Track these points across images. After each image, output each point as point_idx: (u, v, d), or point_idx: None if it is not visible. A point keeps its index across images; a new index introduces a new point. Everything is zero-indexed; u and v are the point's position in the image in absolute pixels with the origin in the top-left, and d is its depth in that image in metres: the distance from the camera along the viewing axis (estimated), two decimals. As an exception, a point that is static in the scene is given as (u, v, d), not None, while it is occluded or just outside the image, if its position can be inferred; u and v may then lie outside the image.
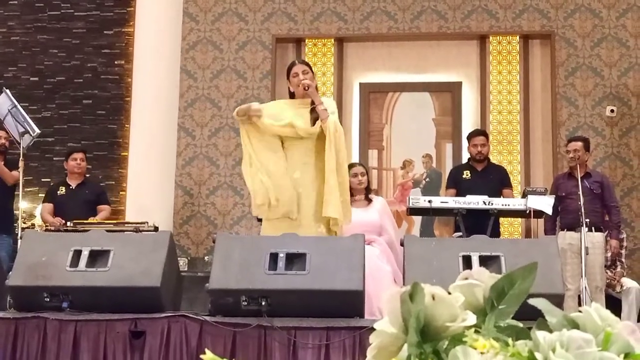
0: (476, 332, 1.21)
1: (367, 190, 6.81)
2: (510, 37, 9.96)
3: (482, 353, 1.18)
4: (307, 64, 5.91)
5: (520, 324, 1.27)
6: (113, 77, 10.31)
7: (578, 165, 7.25)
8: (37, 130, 7.55)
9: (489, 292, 1.29)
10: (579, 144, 7.55)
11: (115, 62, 10.35)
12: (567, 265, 7.15)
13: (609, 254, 7.62)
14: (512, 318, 1.30)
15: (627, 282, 7.86)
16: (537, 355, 1.15)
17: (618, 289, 7.82)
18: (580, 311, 1.26)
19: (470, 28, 10.02)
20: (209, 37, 10.24)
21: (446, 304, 1.22)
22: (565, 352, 1.14)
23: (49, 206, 8.07)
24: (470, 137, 8.09)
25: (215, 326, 4.27)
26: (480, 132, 8.18)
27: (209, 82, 10.16)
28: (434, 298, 1.20)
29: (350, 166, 7.08)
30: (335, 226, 5.37)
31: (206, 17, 10.28)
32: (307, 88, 5.53)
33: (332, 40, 10.16)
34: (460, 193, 7.47)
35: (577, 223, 7.14)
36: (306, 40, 10.20)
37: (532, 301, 1.25)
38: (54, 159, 9.77)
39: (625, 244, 8.39)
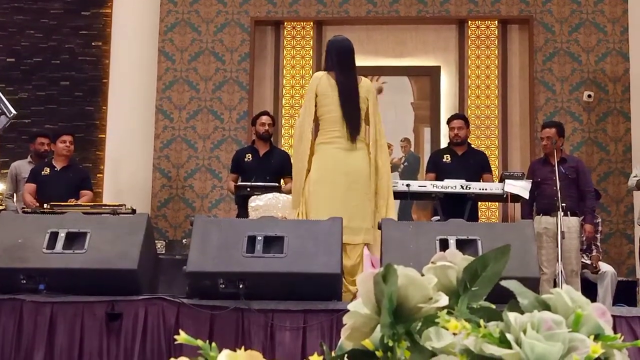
0: (449, 313, 1.22)
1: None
2: (489, 22, 9.99)
3: (454, 334, 1.20)
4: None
5: (493, 306, 1.29)
6: (90, 59, 10.24)
7: (555, 151, 7.28)
8: (14, 112, 7.48)
9: (462, 274, 1.30)
10: (552, 130, 7.57)
11: (93, 44, 10.28)
12: (543, 249, 7.20)
13: (584, 238, 7.66)
14: (488, 300, 1.31)
15: (603, 267, 7.93)
16: (508, 336, 1.16)
17: (595, 275, 7.88)
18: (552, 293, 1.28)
19: (449, 12, 10.03)
20: (187, 19, 10.19)
21: (419, 285, 1.23)
22: (535, 333, 1.16)
23: (32, 186, 8.01)
24: (449, 121, 8.12)
25: (193, 309, 4.28)
26: (458, 116, 8.20)
27: (187, 65, 10.12)
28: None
29: None
30: None
31: (185, -1, 10.23)
32: None
33: (311, 23, 10.14)
34: (440, 177, 7.48)
35: (553, 208, 7.18)
36: (285, 23, 10.18)
37: (505, 283, 1.26)
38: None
39: (600, 228, 8.45)
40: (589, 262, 7.95)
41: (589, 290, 7.51)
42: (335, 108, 5.45)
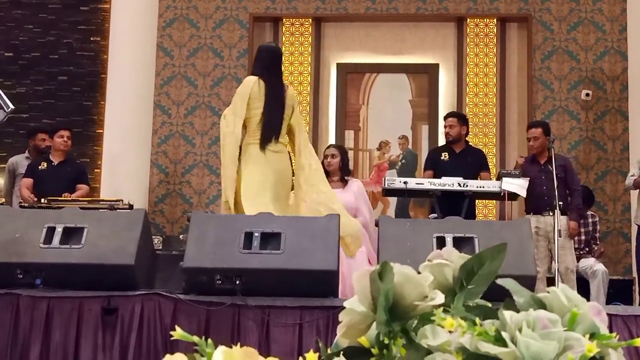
0: (445, 311, 1.22)
1: (344, 171, 6.83)
2: (488, 20, 9.99)
3: (450, 332, 1.20)
4: None
5: (489, 304, 1.29)
6: (89, 54, 10.23)
7: (551, 150, 7.27)
8: (12, 107, 7.47)
9: (459, 272, 1.30)
10: (539, 130, 7.56)
11: (91, 39, 10.27)
12: (535, 248, 7.19)
13: (568, 236, 7.59)
14: (484, 298, 1.31)
15: (594, 265, 7.94)
16: (504, 334, 1.16)
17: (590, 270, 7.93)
18: (548, 292, 1.28)
19: (448, 10, 10.03)
20: (186, 15, 10.18)
21: (415, 283, 1.23)
22: (531, 332, 1.16)
23: (29, 181, 8.01)
24: (444, 118, 8.14)
25: (189, 304, 4.28)
26: (451, 114, 8.20)
27: (186, 60, 10.11)
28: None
29: (326, 148, 7.22)
30: None
31: (183, -5, 10.22)
32: None
33: (310, 20, 10.13)
34: (437, 174, 7.49)
35: (543, 207, 7.21)
36: (284, 20, 10.17)
37: (500, 281, 1.26)
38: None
39: (598, 227, 8.48)
40: (591, 256, 8.06)
41: (581, 287, 7.53)
42: (262, 112, 5.65)
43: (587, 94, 9.68)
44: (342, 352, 1.28)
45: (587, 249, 8.19)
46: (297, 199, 5.62)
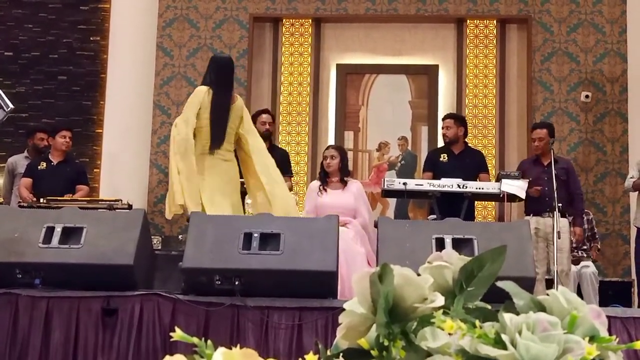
0: (444, 313, 1.22)
1: (343, 172, 6.80)
2: (488, 21, 9.99)
3: (450, 334, 1.20)
4: None
5: (489, 306, 1.29)
6: (88, 54, 10.22)
7: (551, 152, 7.27)
8: (11, 106, 7.46)
9: (458, 274, 1.30)
10: (544, 131, 7.57)
11: (91, 38, 10.26)
12: (534, 249, 7.20)
13: (575, 241, 7.64)
14: (484, 301, 1.31)
15: (583, 267, 7.96)
16: (504, 336, 1.16)
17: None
18: (547, 294, 1.28)
19: (448, 11, 10.03)
20: (186, 15, 10.18)
21: (415, 285, 1.23)
22: (531, 334, 1.16)
23: (28, 181, 8.01)
24: (442, 120, 8.16)
25: (188, 305, 4.28)
26: (448, 116, 8.21)
27: (185, 60, 10.10)
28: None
29: (325, 149, 7.22)
30: None
31: (183, -5, 10.21)
32: None
33: (310, 20, 10.13)
34: (437, 176, 7.48)
35: (543, 208, 7.21)
36: (284, 20, 10.17)
37: (500, 284, 1.26)
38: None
39: (593, 224, 8.52)
40: (586, 256, 8.09)
41: (579, 289, 7.58)
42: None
43: (587, 96, 9.68)
44: (341, 354, 1.28)
45: (585, 248, 8.21)
46: (260, 197, 5.81)
